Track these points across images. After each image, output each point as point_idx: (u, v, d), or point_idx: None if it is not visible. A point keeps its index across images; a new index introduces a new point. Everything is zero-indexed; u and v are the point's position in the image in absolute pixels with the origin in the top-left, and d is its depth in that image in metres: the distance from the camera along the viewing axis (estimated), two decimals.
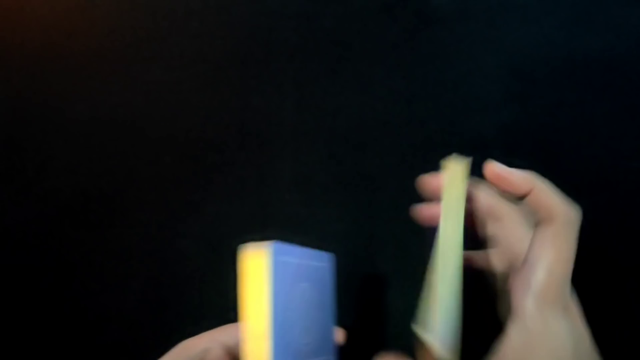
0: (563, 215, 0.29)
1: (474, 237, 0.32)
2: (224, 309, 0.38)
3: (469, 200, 0.31)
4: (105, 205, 0.46)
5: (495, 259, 0.31)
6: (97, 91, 0.54)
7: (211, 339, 0.31)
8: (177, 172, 0.48)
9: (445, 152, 0.48)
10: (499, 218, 0.31)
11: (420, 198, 0.46)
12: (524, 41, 0.55)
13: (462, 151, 0.48)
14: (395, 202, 0.46)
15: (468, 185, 0.31)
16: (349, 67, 0.55)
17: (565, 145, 0.48)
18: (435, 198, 0.32)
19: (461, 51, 0.55)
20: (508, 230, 0.30)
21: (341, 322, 0.39)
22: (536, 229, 0.28)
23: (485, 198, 0.31)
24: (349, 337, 0.37)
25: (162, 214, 0.45)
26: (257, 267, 0.27)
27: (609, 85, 0.51)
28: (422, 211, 0.31)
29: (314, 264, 0.32)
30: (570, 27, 0.56)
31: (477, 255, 0.32)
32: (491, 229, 0.31)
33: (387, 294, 0.43)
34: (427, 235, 0.32)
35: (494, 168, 0.30)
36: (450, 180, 0.31)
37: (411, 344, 0.30)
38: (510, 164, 0.47)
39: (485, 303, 0.31)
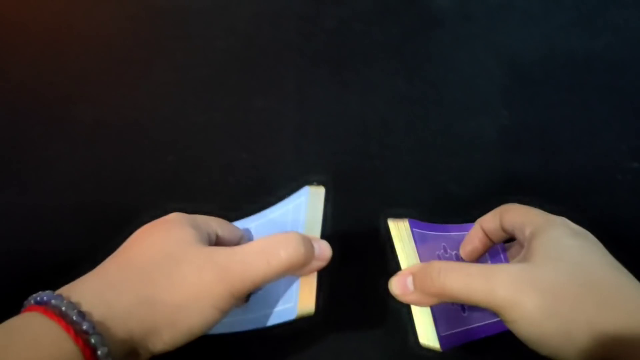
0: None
1: None
2: None
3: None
4: (106, 205, 0.46)
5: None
6: (98, 92, 0.54)
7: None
8: (179, 172, 0.48)
9: (446, 152, 0.49)
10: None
11: (420, 198, 0.46)
12: (524, 42, 0.55)
13: (462, 151, 0.49)
14: (395, 202, 0.46)
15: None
16: (350, 68, 0.55)
17: (565, 146, 0.48)
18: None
19: (462, 52, 0.55)
20: None
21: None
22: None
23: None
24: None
25: (162, 213, 0.45)
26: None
27: (609, 85, 0.52)
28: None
29: None
30: (570, 28, 0.56)
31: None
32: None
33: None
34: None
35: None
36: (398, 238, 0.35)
37: None
38: (510, 164, 0.47)
39: None
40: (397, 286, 0.30)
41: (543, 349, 0.25)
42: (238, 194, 0.47)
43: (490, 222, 0.33)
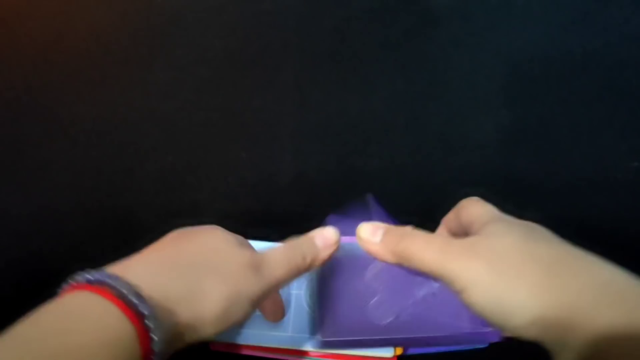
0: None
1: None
2: None
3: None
4: (105, 204, 0.46)
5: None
6: (97, 91, 0.54)
7: None
8: (178, 171, 0.48)
9: (445, 151, 0.49)
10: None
11: (419, 197, 0.46)
12: (523, 41, 0.55)
13: (462, 150, 0.48)
14: (395, 202, 0.46)
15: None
16: (349, 67, 0.55)
17: (565, 145, 0.48)
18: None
19: (461, 51, 0.55)
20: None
21: None
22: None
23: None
24: None
25: (162, 213, 0.45)
26: None
27: (609, 84, 0.52)
28: None
29: None
30: (570, 27, 0.56)
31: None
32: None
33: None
34: None
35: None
36: None
37: None
38: (509, 163, 0.47)
39: None
40: (366, 231, 0.32)
41: (494, 318, 0.25)
42: (238, 193, 0.47)
43: (452, 220, 0.34)
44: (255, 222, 0.45)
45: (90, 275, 0.26)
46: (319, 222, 0.44)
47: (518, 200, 0.45)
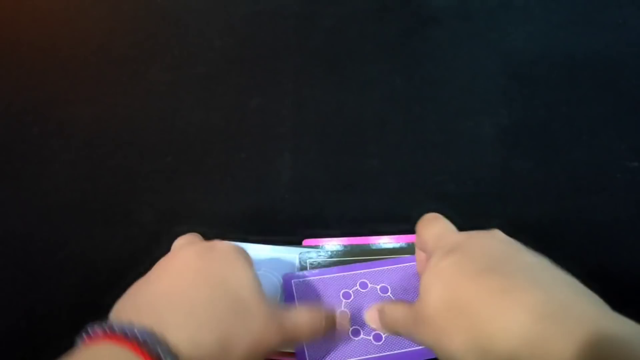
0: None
1: None
2: None
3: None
4: (105, 205, 0.46)
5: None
6: (96, 91, 0.54)
7: None
8: (178, 171, 0.48)
9: (444, 152, 0.49)
10: None
11: (418, 198, 0.46)
12: (523, 41, 0.55)
13: (460, 151, 0.49)
14: (393, 202, 0.46)
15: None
16: (348, 67, 0.55)
17: (565, 145, 0.48)
18: None
19: (460, 51, 0.55)
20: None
21: None
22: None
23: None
24: None
25: (161, 214, 0.45)
26: None
27: (608, 85, 0.51)
28: None
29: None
30: (570, 27, 0.56)
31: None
32: None
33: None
34: None
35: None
36: None
37: None
38: (508, 163, 0.47)
39: None
40: (370, 319, 0.36)
41: None
42: (237, 193, 0.47)
43: (418, 242, 0.35)
44: (255, 223, 0.45)
45: (126, 327, 0.26)
46: (317, 222, 0.45)
47: (517, 200, 0.45)
